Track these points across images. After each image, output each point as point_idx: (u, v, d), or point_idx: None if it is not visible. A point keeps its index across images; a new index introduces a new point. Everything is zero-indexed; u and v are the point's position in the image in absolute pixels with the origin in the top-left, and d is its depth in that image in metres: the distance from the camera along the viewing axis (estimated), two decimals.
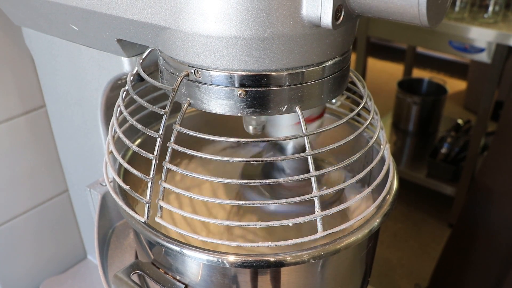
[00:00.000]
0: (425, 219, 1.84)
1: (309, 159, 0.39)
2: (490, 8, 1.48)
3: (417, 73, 2.77)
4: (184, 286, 0.43)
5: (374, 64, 3.11)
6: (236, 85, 0.38)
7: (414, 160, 1.97)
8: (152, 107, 0.42)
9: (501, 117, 1.14)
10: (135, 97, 0.44)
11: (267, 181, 0.38)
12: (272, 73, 0.38)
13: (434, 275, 1.31)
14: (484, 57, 1.50)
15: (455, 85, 2.79)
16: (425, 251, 1.70)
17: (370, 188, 0.42)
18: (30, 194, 0.75)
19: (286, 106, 0.40)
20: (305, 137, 0.39)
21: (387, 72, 3.03)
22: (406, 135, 2.08)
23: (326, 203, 0.54)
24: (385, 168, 0.46)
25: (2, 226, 0.73)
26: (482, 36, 1.44)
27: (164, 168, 0.40)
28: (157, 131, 0.40)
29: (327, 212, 0.39)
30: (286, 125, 0.51)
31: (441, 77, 2.74)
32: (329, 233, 0.39)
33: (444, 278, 1.25)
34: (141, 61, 0.46)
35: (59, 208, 0.79)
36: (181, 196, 0.56)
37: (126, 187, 0.44)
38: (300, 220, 0.38)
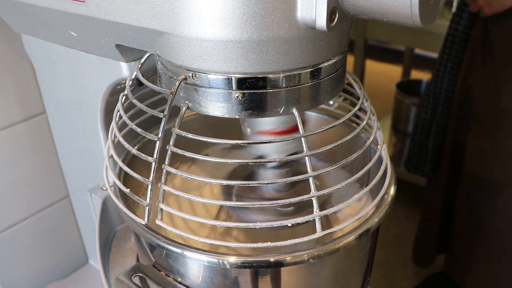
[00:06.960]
0: None
1: (307, 159, 0.39)
2: None
3: (415, 74, 2.77)
4: None
5: (373, 66, 3.12)
6: (234, 88, 0.39)
7: None
8: (151, 111, 0.42)
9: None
10: (134, 101, 0.44)
11: (266, 181, 0.39)
12: (269, 76, 0.38)
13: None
14: None
15: None
16: None
17: (368, 188, 0.43)
18: (31, 200, 0.75)
19: (283, 108, 0.40)
20: (302, 138, 0.40)
21: (385, 74, 3.04)
22: (406, 136, 2.08)
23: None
24: (382, 168, 0.47)
25: (4, 233, 0.73)
26: None
27: (164, 171, 0.40)
28: (157, 135, 0.41)
29: (325, 212, 0.39)
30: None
31: None
32: (328, 233, 0.40)
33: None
34: (139, 65, 0.47)
35: (60, 214, 0.80)
36: (180, 199, 0.57)
37: (127, 190, 0.44)
38: (298, 220, 0.39)
